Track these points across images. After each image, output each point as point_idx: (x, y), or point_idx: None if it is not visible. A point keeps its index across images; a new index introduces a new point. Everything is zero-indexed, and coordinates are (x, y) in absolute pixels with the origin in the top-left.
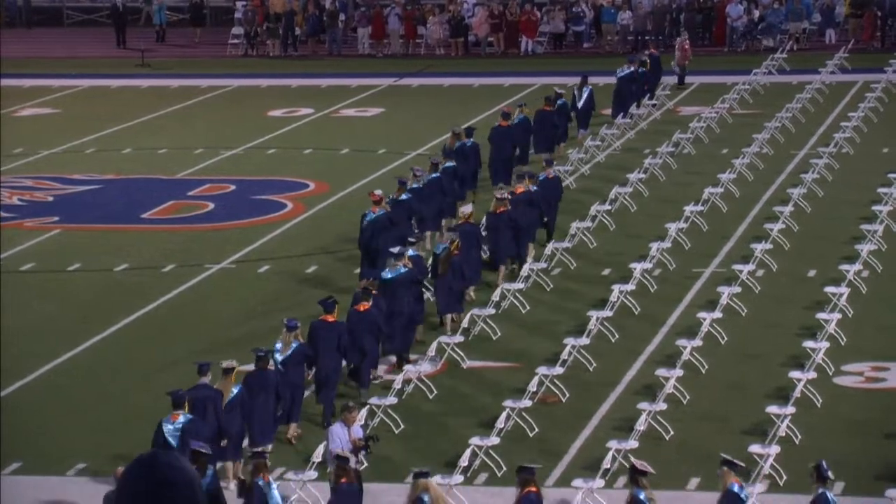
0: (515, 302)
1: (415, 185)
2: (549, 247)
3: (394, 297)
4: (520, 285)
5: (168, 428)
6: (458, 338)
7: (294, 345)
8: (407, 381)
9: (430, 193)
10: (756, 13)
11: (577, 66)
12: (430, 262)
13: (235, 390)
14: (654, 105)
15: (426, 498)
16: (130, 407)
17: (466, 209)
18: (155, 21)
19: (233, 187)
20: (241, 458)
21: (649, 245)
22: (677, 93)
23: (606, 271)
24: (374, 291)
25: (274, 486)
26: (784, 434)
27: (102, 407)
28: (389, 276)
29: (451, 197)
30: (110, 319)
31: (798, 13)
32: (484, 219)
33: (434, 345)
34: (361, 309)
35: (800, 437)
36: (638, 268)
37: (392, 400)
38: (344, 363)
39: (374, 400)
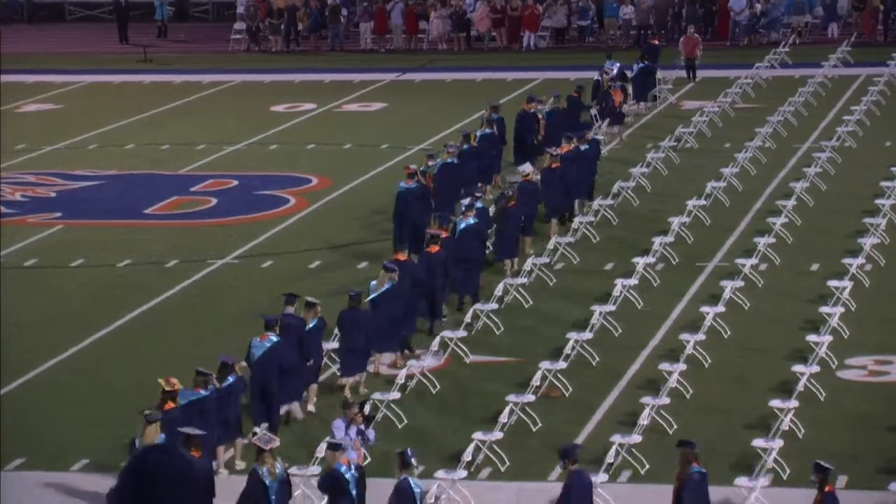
0: (518, 296)
1: (449, 160)
2: (552, 241)
3: (462, 244)
4: (522, 280)
5: (256, 345)
6: (462, 332)
7: (387, 285)
8: (410, 376)
9: (471, 159)
10: (758, 7)
11: (579, 60)
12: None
13: (312, 323)
14: (655, 98)
15: (136, 440)
16: (135, 402)
17: (526, 168)
18: (157, 16)
19: (235, 183)
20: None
21: (652, 239)
22: (680, 87)
23: (609, 265)
24: (444, 234)
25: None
26: (787, 428)
27: (107, 402)
28: (462, 225)
29: (489, 161)
30: (114, 315)
31: (800, 7)
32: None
33: (437, 340)
34: (433, 251)
35: (803, 430)
36: (641, 262)
37: (395, 395)
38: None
39: (377, 395)
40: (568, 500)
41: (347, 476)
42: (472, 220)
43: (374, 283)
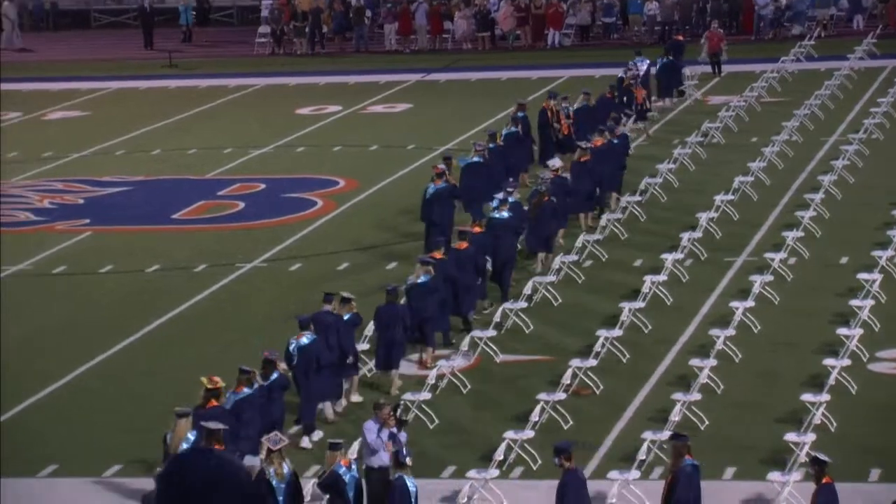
0: (547, 295)
1: (476, 159)
2: (580, 239)
3: (496, 237)
4: (551, 278)
5: (293, 346)
6: (491, 332)
7: (424, 277)
8: (440, 377)
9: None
10: (783, 0)
11: (604, 57)
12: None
13: (347, 317)
14: (681, 94)
15: (168, 435)
16: (165, 407)
17: (556, 162)
18: (181, 21)
19: (262, 186)
20: (358, 373)
21: (680, 235)
22: (706, 82)
23: (638, 262)
24: (477, 230)
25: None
26: (819, 422)
27: (137, 408)
28: (497, 217)
29: (514, 160)
30: (143, 321)
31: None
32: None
33: (467, 339)
34: (461, 247)
35: (835, 424)
36: (669, 258)
37: (426, 395)
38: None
39: (407, 396)
40: (563, 498)
41: (346, 477)
42: (505, 214)
43: (410, 278)
